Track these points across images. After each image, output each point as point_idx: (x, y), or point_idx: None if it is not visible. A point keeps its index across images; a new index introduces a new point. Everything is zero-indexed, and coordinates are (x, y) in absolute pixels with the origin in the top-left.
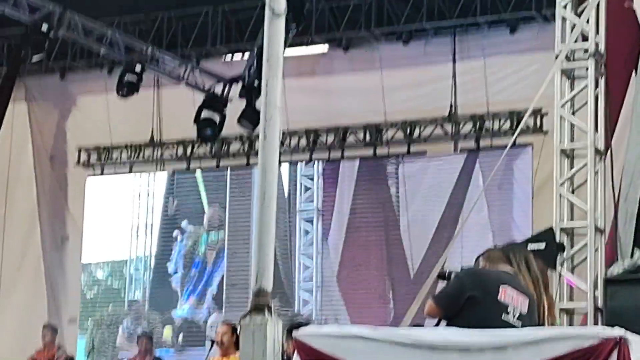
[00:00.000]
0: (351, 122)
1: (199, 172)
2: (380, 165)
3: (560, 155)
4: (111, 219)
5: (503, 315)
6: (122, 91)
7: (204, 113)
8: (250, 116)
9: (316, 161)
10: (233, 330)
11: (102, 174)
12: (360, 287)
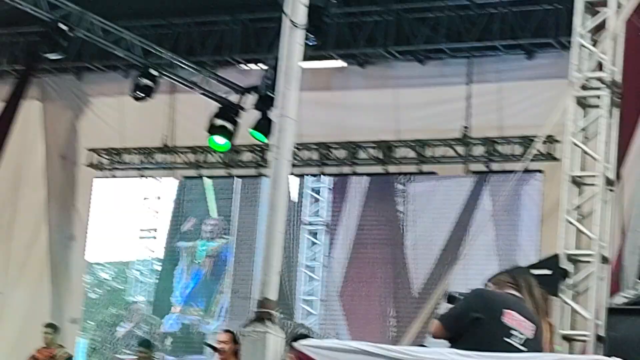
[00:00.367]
0: (363, 138)
1: (209, 180)
2: (389, 182)
3: (569, 182)
4: (118, 221)
5: (506, 338)
6: (137, 95)
7: (218, 121)
8: (263, 127)
9: (326, 175)
10: (234, 338)
11: (112, 176)
12: (362, 304)
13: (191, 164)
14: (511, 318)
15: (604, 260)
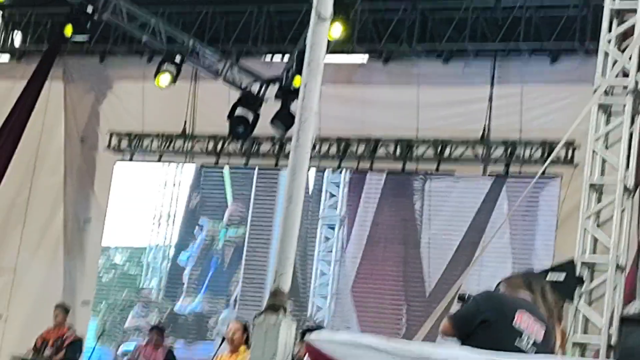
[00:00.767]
0: (383, 135)
1: (227, 168)
2: (407, 180)
3: (588, 188)
4: (135, 206)
5: (517, 341)
6: (160, 81)
7: (238, 110)
8: (283, 118)
9: (344, 169)
10: (244, 328)
11: (131, 160)
12: (374, 300)
13: (210, 152)
14: (522, 321)
15: (619, 268)
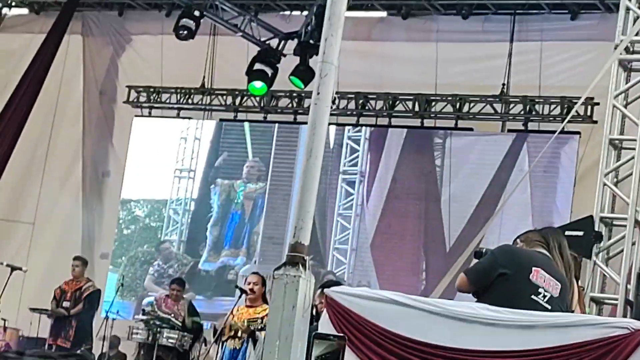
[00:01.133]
0: (401, 91)
1: (247, 125)
2: (428, 136)
3: (608, 145)
4: (154, 160)
5: (533, 295)
6: (178, 35)
7: (257, 65)
8: (302, 74)
9: (364, 126)
10: (263, 281)
11: (150, 115)
12: (393, 256)
13: (228, 107)
14: (538, 275)
15: (638, 224)
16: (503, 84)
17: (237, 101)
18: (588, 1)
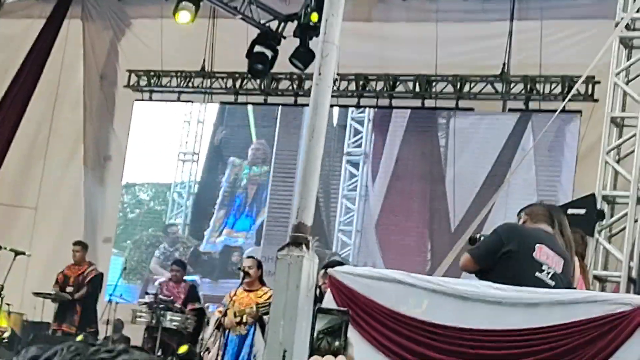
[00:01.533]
0: (402, 72)
1: (250, 107)
2: (432, 116)
3: (609, 123)
4: (156, 143)
5: (537, 272)
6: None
7: (257, 48)
8: (302, 55)
9: (365, 108)
10: (258, 265)
11: (150, 100)
12: (398, 236)
13: (228, 90)
14: (542, 253)
15: None
16: (504, 64)
17: (238, 84)
18: None
